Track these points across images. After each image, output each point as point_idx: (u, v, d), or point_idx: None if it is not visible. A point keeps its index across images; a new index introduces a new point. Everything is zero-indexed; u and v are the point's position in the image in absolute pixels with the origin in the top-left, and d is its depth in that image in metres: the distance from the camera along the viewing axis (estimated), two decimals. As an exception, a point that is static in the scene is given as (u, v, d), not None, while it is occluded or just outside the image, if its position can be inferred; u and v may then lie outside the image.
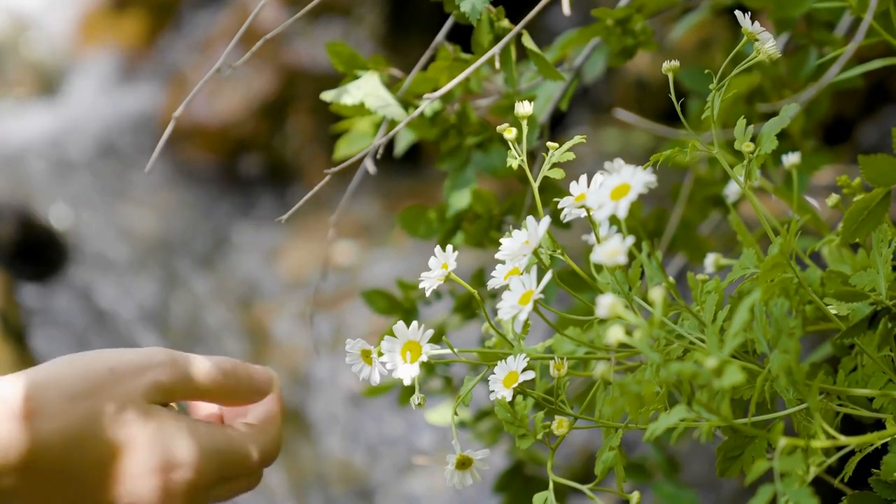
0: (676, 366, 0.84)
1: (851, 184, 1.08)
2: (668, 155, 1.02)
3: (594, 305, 0.96)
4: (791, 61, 1.40)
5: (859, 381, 1.00)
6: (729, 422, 0.87)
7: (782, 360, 0.90)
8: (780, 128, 0.99)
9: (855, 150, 2.22)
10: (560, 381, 0.99)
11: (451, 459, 0.97)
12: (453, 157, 1.28)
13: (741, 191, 1.02)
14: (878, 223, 0.99)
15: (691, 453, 1.76)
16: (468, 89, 1.28)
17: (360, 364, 1.01)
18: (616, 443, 0.99)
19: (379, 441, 2.02)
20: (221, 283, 2.58)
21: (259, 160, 2.86)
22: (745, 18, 1.02)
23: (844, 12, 1.38)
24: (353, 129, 1.33)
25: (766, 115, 1.34)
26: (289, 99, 2.82)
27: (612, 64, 1.30)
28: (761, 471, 0.86)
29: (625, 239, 0.88)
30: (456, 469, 0.98)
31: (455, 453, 0.98)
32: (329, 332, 2.26)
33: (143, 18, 3.22)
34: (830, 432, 0.90)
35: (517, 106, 1.03)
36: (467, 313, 1.38)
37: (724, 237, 1.64)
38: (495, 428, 1.44)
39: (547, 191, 1.20)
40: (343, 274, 2.44)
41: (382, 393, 1.43)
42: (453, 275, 1.00)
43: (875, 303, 0.98)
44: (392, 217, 2.53)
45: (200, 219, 2.80)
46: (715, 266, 1.18)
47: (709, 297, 0.98)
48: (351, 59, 1.25)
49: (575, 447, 1.88)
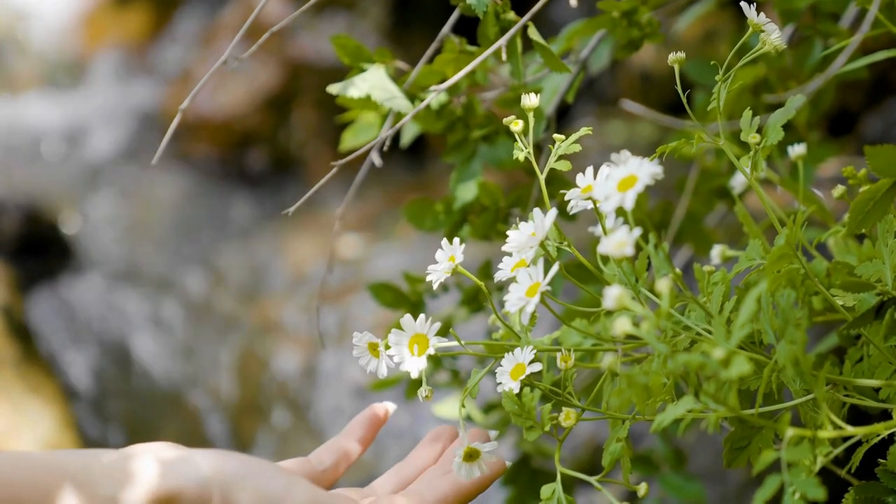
0: (684, 357, 0.84)
1: (857, 175, 1.08)
2: (674, 146, 1.02)
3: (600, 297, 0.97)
4: (796, 52, 1.40)
5: (865, 372, 1.00)
6: (736, 412, 0.87)
7: (789, 351, 0.90)
8: (786, 119, 0.99)
9: (859, 141, 2.21)
10: (567, 372, 0.99)
11: (458, 452, 0.98)
12: (460, 149, 1.28)
13: (747, 182, 1.02)
14: (884, 213, 0.99)
15: (696, 445, 1.77)
16: (474, 81, 1.28)
17: (368, 357, 1.01)
18: (623, 434, 0.99)
19: (385, 433, 2.02)
20: (226, 276, 2.58)
21: (263, 153, 2.86)
22: (751, 9, 1.02)
23: (850, 3, 1.38)
24: (359, 120, 1.33)
25: (771, 107, 1.34)
26: (293, 92, 2.83)
27: (618, 56, 1.30)
28: (769, 461, 0.86)
29: (632, 230, 0.88)
30: (464, 461, 0.98)
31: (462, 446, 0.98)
32: (334, 326, 2.26)
33: (146, 12, 3.22)
34: (838, 423, 0.90)
35: (524, 98, 1.03)
36: (474, 306, 1.38)
37: (730, 229, 1.64)
38: (502, 421, 1.44)
39: (553, 183, 1.20)
40: (348, 267, 2.44)
41: (389, 387, 1.43)
42: (461, 267, 1.00)
43: (881, 293, 0.98)
44: (396, 210, 2.54)
45: (204, 212, 2.80)
46: (721, 257, 1.18)
47: (715, 288, 0.98)
48: (357, 52, 1.25)
49: (581, 439, 1.88)
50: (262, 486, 0.88)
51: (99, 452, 0.87)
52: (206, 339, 2.42)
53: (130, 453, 0.87)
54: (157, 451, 0.88)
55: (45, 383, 2.16)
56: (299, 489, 0.90)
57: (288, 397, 2.23)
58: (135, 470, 0.86)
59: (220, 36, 2.90)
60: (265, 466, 0.90)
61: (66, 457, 0.86)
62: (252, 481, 0.88)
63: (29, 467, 0.82)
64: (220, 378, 2.34)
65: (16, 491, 0.81)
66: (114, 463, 0.86)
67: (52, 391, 2.15)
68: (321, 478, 0.99)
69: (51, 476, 0.82)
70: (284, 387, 2.24)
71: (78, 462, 0.85)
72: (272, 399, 2.24)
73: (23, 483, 0.81)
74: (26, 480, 0.81)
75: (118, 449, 0.89)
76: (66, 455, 0.86)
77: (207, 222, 2.77)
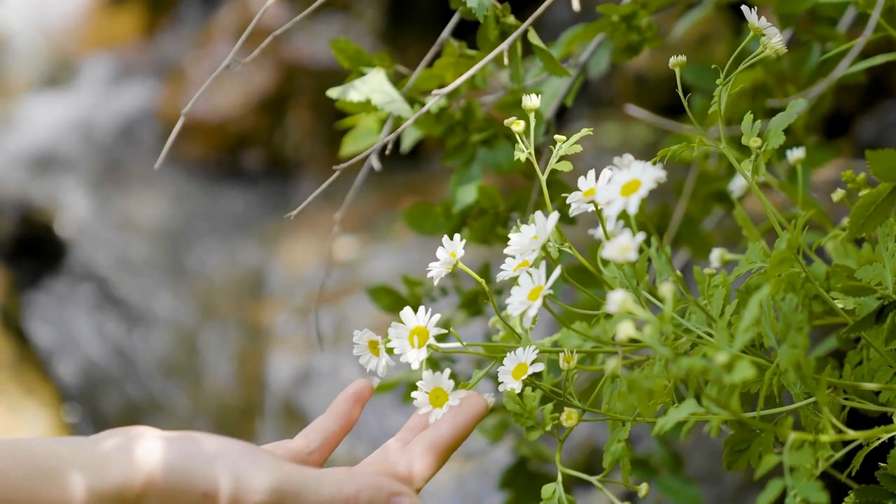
0: (687, 361, 0.84)
1: (856, 179, 1.09)
2: (675, 150, 1.02)
3: (600, 300, 0.97)
4: (794, 56, 1.40)
5: (865, 375, 1.01)
6: (738, 416, 0.87)
7: (791, 355, 0.90)
8: (787, 123, 0.99)
9: (854, 144, 2.22)
10: (568, 373, 1.00)
11: (420, 396, 0.98)
12: (459, 153, 1.28)
13: (747, 186, 1.02)
14: (885, 218, 0.99)
15: (693, 448, 1.77)
16: (473, 85, 1.28)
17: (368, 355, 1.01)
18: (624, 436, 0.99)
19: (381, 435, 2.02)
20: (220, 277, 2.58)
21: (258, 155, 2.86)
22: (752, 13, 1.03)
23: (847, 8, 1.38)
24: (359, 126, 1.33)
25: (769, 111, 1.35)
26: (288, 94, 2.83)
27: (616, 60, 1.30)
28: (771, 465, 0.87)
29: (634, 235, 0.89)
30: (432, 406, 0.99)
31: None
32: (330, 327, 2.26)
33: (140, 14, 3.22)
34: (839, 426, 0.91)
35: (525, 99, 1.04)
36: (472, 310, 1.38)
37: (727, 232, 1.64)
38: (500, 424, 1.45)
39: (552, 186, 1.20)
40: (343, 269, 2.44)
41: (388, 390, 1.43)
42: (462, 264, 1.00)
43: (882, 297, 0.99)
44: (392, 212, 2.54)
45: (199, 213, 2.80)
46: (720, 261, 1.18)
47: (716, 291, 0.98)
48: (356, 56, 1.25)
49: (577, 441, 1.88)
50: (230, 464, 0.89)
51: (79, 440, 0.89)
52: (201, 340, 2.42)
53: (132, 435, 0.89)
54: (134, 437, 0.90)
55: (41, 385, 2.16)
56: (265, 466, 0.90)
57: (283, 399, 2.22)
58: (138, 452, 0.88)
59: (215, 37, 2.90)
60: (235, 445, 0.91)
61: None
62: (221, 460, 0.89)
63: (28, 457, 0.85)
64: (215, 379, 2.33)
65: (14, 481, 0.84)
66: (115, 447, 0.88)
67: (47, 393, 2.15)
68: (308, 459, 0.98)
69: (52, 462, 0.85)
70: (280, 388, 2.24)
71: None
72: (268, 401, 2.24)
73: (24, 475, 0.84)
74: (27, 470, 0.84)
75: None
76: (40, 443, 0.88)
77: (202, 223, 2.77)
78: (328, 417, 1.01)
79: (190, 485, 0.88)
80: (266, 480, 0.89)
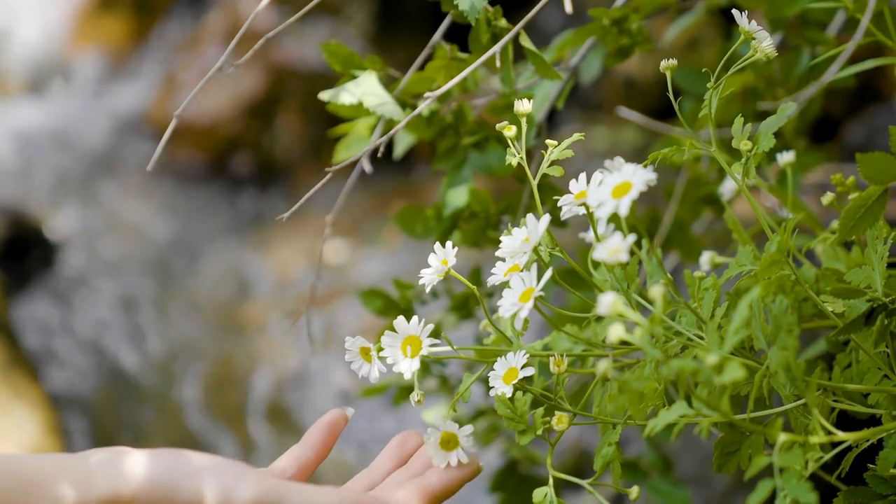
0: (677, 363, 0.84)
1: (846, 182, 1.09)
2: (665, 153, 1.02)
3: (591, 303, 0.97)
4: (783, 61, 1.41)
5: (854, 378, 1.01)
6: (729, 418, 0.88)
7: (781, 357, 0.90)
8: (777, 126, 1.00)
9: (842, 148, 2.23)
10: (559, 377, 1.00)
11: (434, 436, 0.98)
12: (450, 156, 1.29)
13: (737, 189, 1.03)
14: (874, 221, 1.00)
15: (683, 450, 1.77)
16: (465, 88, 1.28)
17: (360, 361, 1.01)
18: (615, 438, 1.00)
19: (370, 439, 2.03)
20: (210, 280, 2.58)
21: (248, 158, 2.86)
22: (742, 17, 1.03)
23: (837, 12, 1.39)
24: (351, 133, 1.33)
25: (759, 114, 1.35)
26: (277, 97, 2.83)
27: (608, 64, 1.31)
28: (761, 466, 0.87)
29: (625, 237, 0.89)
30: (441, 448, 0.99)
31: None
32: (320, 330, 2.26)
33: (130, 17, 3.21)
34: (829, 428, 0.91)
35: (517, 103, 1.04)
36: (463, 313, 1.38)
37: (716, 236, 1.64)
38: (491, 428, 1.45)
39: (543, 190, 1.20)
40: (333, 272, 2.44)
41: (379, 393, 1.44)
42: (453, 271, 1.00)
43: (871, 299, 0.99)
44: (381, 215, 2.54)
45: (188, 216, 2.80)
46: (711, 264, 1.18)
47: (706, 293, 0.99)
48: (348, 59, 1.26)
49: (566, 444, 1.88)
50: (216, 477, 0.91)
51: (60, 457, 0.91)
52: (191, 342, 2.42)
53: (117, 451, 0.91)
54: (118, 453, 0.91)
55: (31, 387, 2.16)
56: (249, 479, 0.92)
57: (273, 402, 2.22)
58: (127, 467, 0.90)
59: (204, 41, 2.90)
60: (220, 461, 0.93)
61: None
62: (207, 473, 0.91)
63: (16, 472, 0.87)
64: (205, 382, 2.33)
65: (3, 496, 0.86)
66: (101, 461, 0.90)
67: (37, 395, 2.15)
68: None
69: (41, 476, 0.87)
70: (270, 391, 2.24)
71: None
72: (257, 404, 2.24)
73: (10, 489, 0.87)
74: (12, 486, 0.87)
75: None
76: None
77: (192, 227, 2.77)
78: (303, 447, 1.02)
79: (176, 496, 0.90)
80: (251, 492, 0.91)
